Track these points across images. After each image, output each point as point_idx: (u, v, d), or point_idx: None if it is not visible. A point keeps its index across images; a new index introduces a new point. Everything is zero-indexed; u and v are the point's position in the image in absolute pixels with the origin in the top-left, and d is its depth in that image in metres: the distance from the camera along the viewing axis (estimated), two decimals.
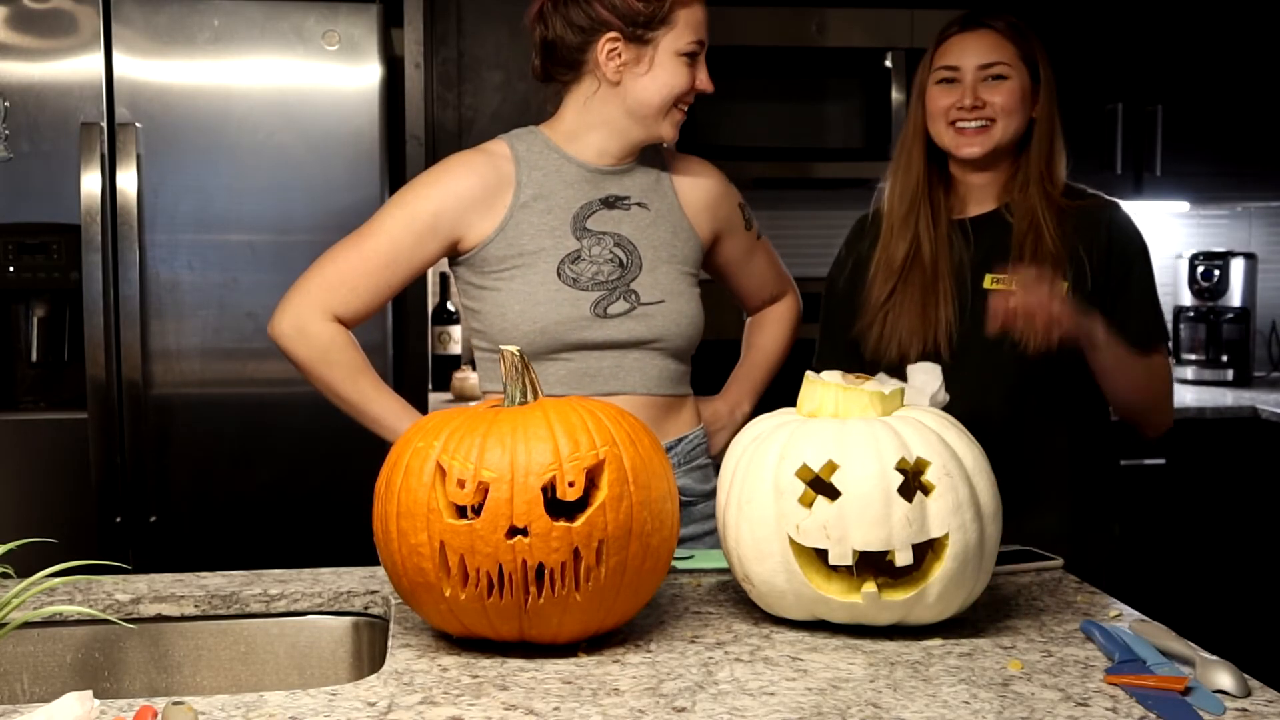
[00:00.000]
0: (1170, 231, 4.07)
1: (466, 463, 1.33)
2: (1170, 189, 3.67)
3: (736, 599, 1.57)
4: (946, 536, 1.38)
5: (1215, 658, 1.30)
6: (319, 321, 1.85)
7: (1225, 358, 3.87)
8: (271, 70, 2.81)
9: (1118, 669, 1.30)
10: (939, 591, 1.39)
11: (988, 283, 2.04)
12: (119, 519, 2.77)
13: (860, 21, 3.40)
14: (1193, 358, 3.91)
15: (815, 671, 1.32)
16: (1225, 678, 1.26)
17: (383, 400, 1.88)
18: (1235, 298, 3.86)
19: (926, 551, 1.39)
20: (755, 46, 3.37)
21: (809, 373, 1.52)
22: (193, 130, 2.78)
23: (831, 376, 1.51)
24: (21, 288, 2.81)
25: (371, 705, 1.23)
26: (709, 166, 2.05)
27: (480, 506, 1.31)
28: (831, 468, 1.38)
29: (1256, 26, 3.60)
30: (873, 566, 1.40)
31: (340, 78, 2.83)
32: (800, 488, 1.39)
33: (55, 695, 1.48)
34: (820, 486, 1.39)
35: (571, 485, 1.32)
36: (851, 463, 1.38)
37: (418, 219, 1.87)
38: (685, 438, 1.97)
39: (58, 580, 1.34)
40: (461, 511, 1.32)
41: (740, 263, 2.11)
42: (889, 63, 3.41)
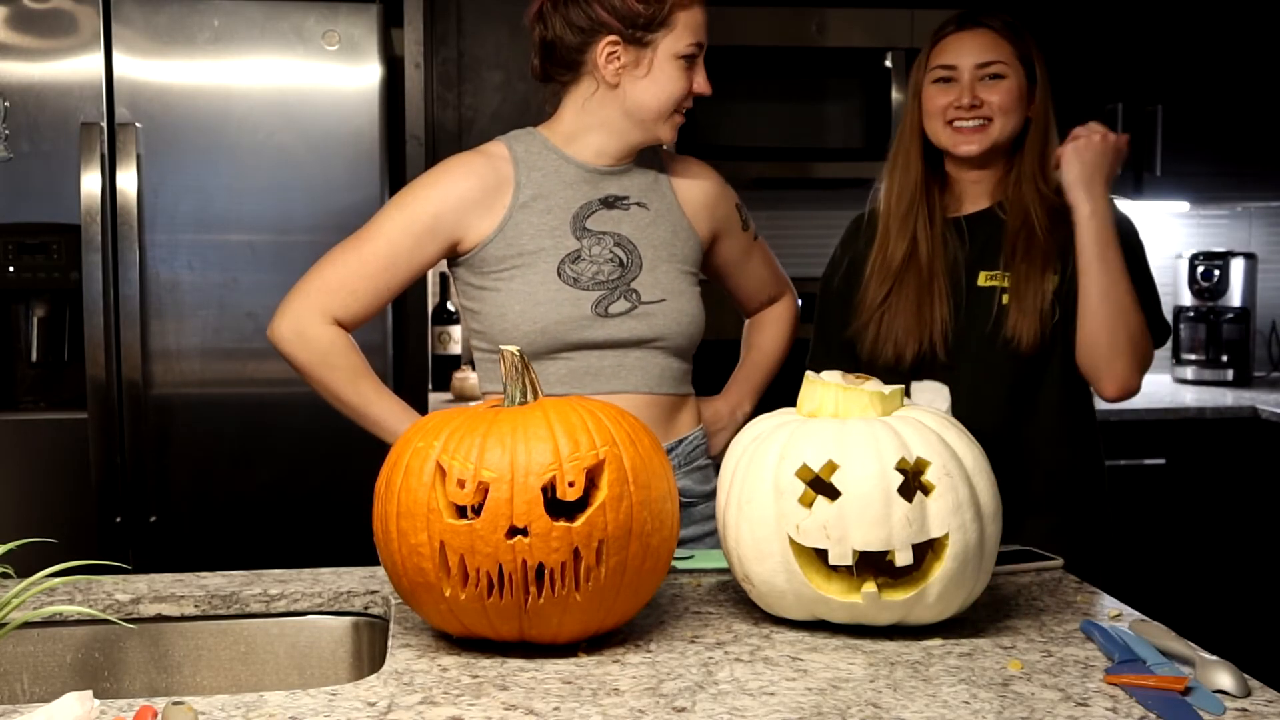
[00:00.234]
0: (1170, 231, 4.07)
1: (466, 463, 1.33)
2: (1170, 189, 3.67)
3: (736, 599, 1.57)
4: (946, 536, 1.38)
5: (1215, 658, 1.30)
6: (319, 325, 1.85)
7: (1225, 358, 3.87)
8: (271, 70, 2.81)
9: (1118, 669, 1.30)
10: (939, 591, 1.39)
11: (982, 280, 2.04)
12: (119, 519, 2.77)
13: (860, 21, 3.40)
14: (1193, 358, 3.91)
15: (815, 671, 1.32)
16: (1225, 678, 1.26)
17: (383, 403, 1.88)
18: (1235, 298, 3.86)
19: (926, 551, 1.39)
20: (755, 46, 3.37)
21: (809, 373, 1.52)
22: (193, 130, 2.78)
23: (831, 376, 1.51)
24: (21, 288, 2.81)
25: (371, 705, 1.23)
26: (706, 167, 2.05)
27: (480, 506, 1.31)
28: (831, 468, 1.38)
29: (1256, 26, 3.59)
30: (873, 566, 1.40)
31: (340, 78, 2.83)
32: (800, 488, 1.39)
33: (55, 695, 1.48)
34: (820, 486, 1.39)
35: (571, 485, 1.32)
36: (851, 463, 1.38)
37: (417, 221, 1.87)
38: (685, 439, 1.97)
39: (58, 580, 1.34)
40: (461, 511, 1.32)
41: (738, 263, 2.11)
42: (889, 63, 3.41)
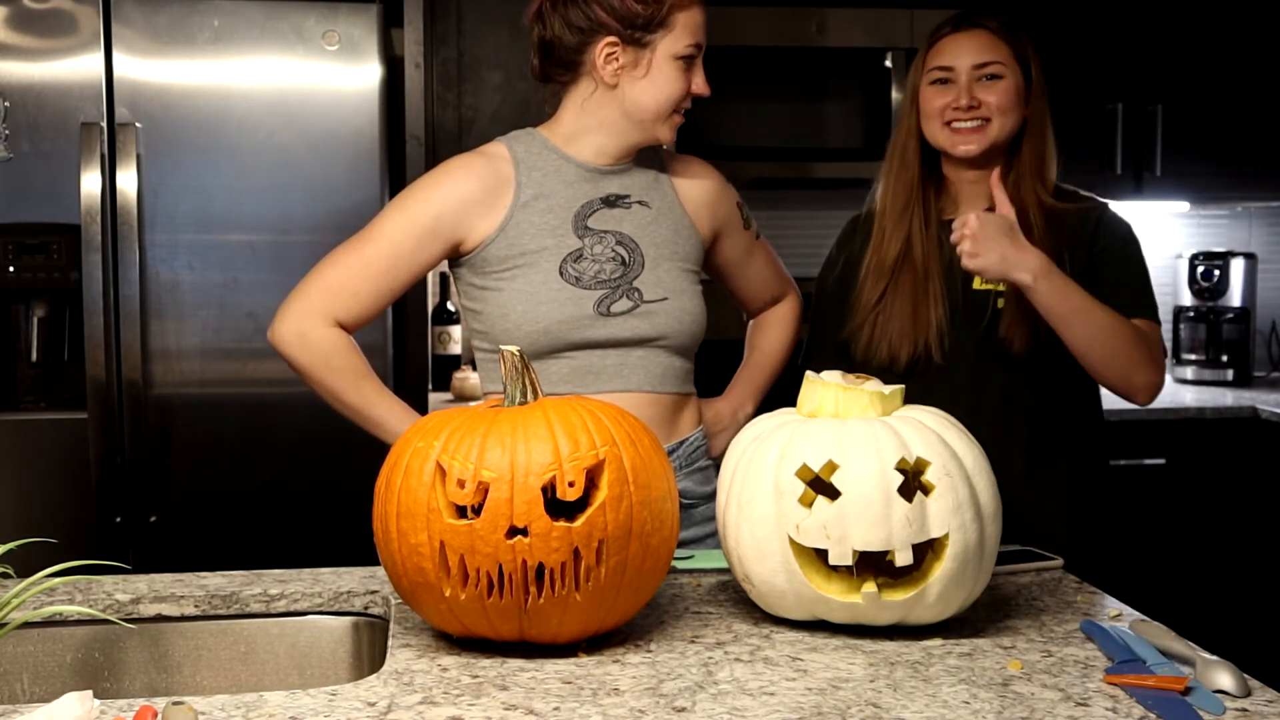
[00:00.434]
0: (1170, 231, 4.07)
1: (466, 463, 1.33)
2: (1170, 189, 3.67)
3: (736, 599, 1.57)
4: (946, 536, 1.38)
5: (1215, 658, 1.30)
6: (320, 327, 1.85)
7: (1225, 358, 3.87)
8: (271, 70, 2.81)
9: (1118, 669, 1.30)
10: (939, 591, 1.39)
11: (977, 283, 2.04)
12: (119, 519, 2.77)
13: (860, 21, 3.40)
14: (1193, 358, 3.91)
15: (815, 671, 1.32)
16: (1225, 678, 1.26)
17: (385, 404, 1.88)
18: (1235, 298, 3.86)
19: (926, 551, 1.39)
20: (755, 46, 3.37)
21: (809, 373, 1.52)
22: (193, 130, 2.78)
23: (831, 376, 1.51)
24: (21, 288, 2.81)
25: (371, 705, 1.23)
26: (706, 166, 2.05)
27: (480, 506, 1.31)
28: (831, 468, 1.38)
29: (1256, 26, 3.59)
30: (873, 566, 1.40)
31: (340, 78, 2.83)
32: (800, 488, 1.39)
33: (55, 695, 1.48)
34: (820, 486, 1.39)
35: (571, 485, 1.32)
36: (851, 463, 1.38)
37: (418, 223, 1.86)
38: (686, 440, 1.97)
39: (58, 580, 1.34)
40: (461, 511, 1.32)
41: (740, 263, 2.10)
42: (889, 63, 3.41)
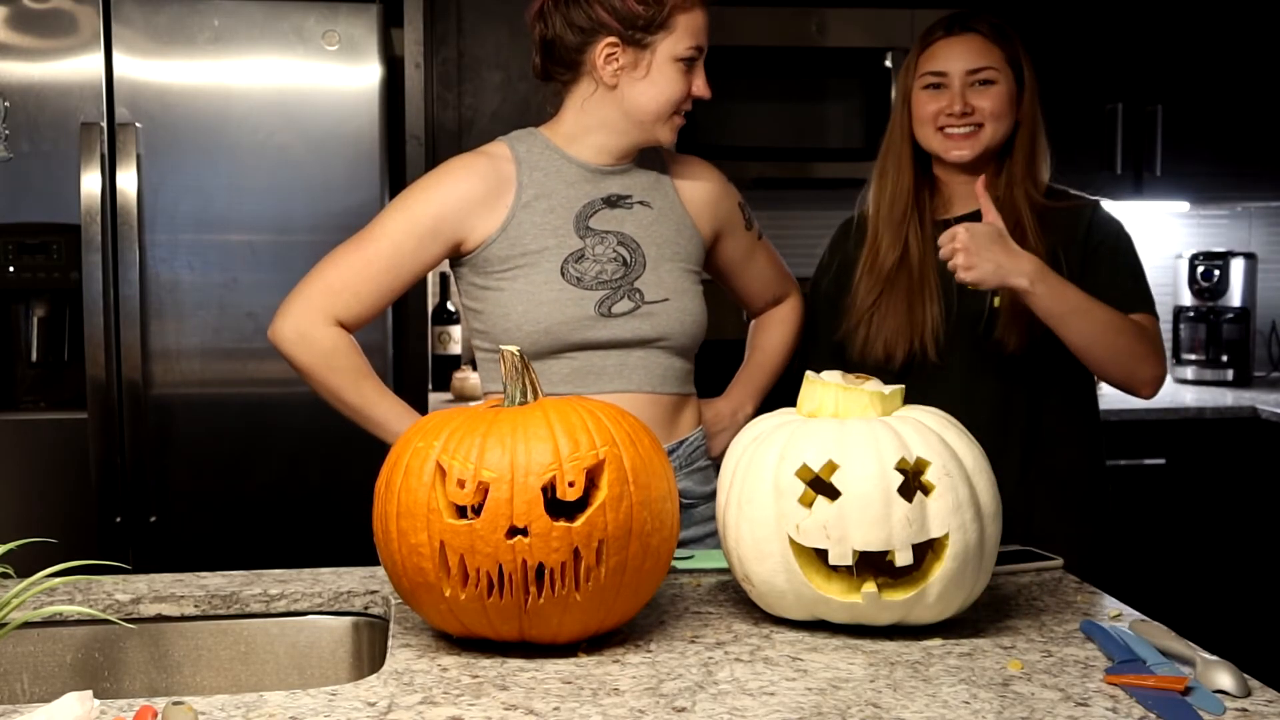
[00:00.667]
0: (1170, 231, 4.07)
1: (466, 463, 1.33)
2: (1170, 189, 3.67)
3: (736, 599, 1.57)
4: (946, 536, 1.38)
5: (1215, 658, 1.30)
6: (321, 327, 1.84)
7: (1225, 358, 3.87)
8: (271, 70, 2.81)
9: (1118, 669, 1.30)
10: (939, 591, 1.39)
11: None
12: (119, 519, 2.77)
13: (860, 21, 3.40)
14: (1193, 358, 3.91)
15: (815, 671, 1.32)
16: (1225, 678, 1.26)
17: (386, 404, 1.88)
18: (1235, 298, 3.86)
19: (926, 551, 1.39)
20: (755, 46, 3.37)
21: (809, 373, 1.52)
22: (193, 130, 2.78)
23: (831, 376, 1.51)
24: (21, 288, 2.81)
25: (371, 705, 1.23)
26: (708, 166, 2.05)
27: (480, 506, 1.31)
28: (831, 468, 1.38)
29: (1256, 26, 3.59)
30: (873, 566, 1.40)
31: (340, 78, 2.83)
32: (800, 488, 1.39)
33: (55, 695, 1.48)
34: (820, 486, 1.39)
35: (571, 485, 1.32)
36: (851, 463, 1.38)
37: (420, 222, 1.86)
38: (685, 440, 1.97)
39: (58, 580, 1.34)
40: (461, 511, 1.32)
41: (742, 263, 2.10)
42: (889, 63, 3.41)
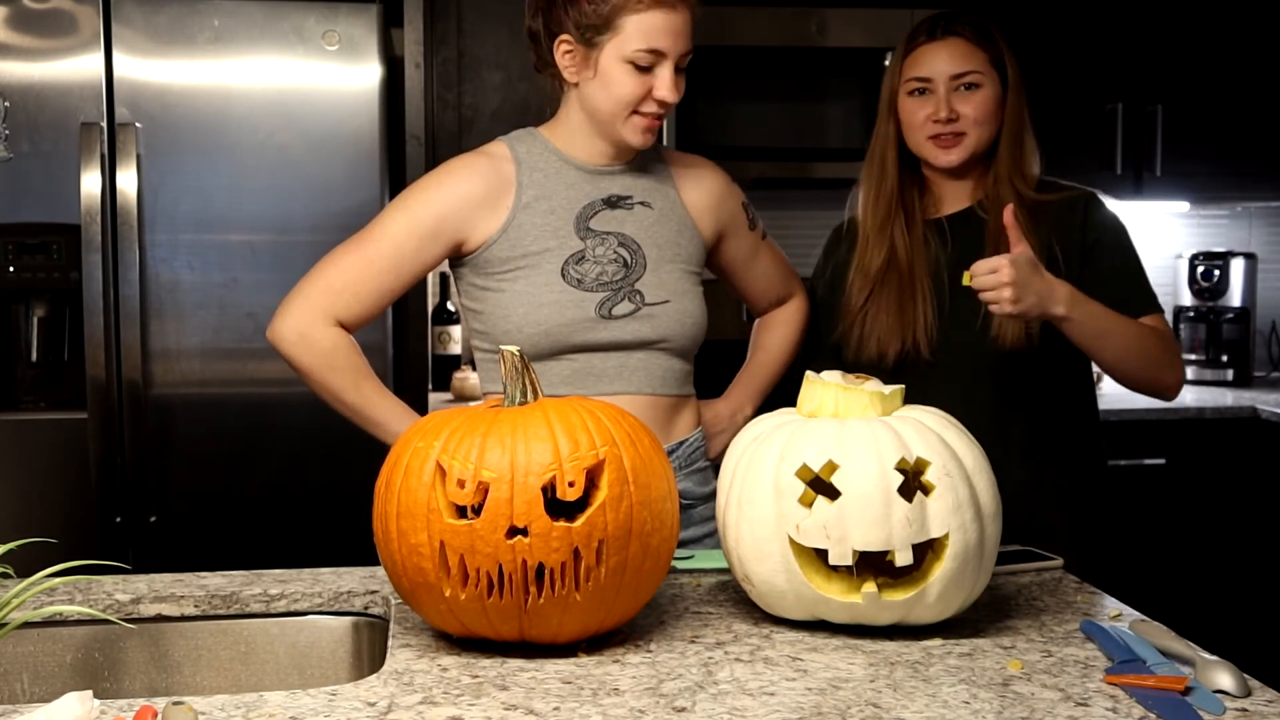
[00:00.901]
0: (1170, 231, 4.07)
1: (466, 463, 1.33)
2: (1170, 189, 3.67)
3: (736, 599, 1.57)
4: (946, 536, 1.38)
5: (1215, 658, 1.30)
6: (321, 327, 1.84)
7: (1225, 358, 3.87)
8: (271, 70, 2.81)
9: (1118, 669, 1.30)
10: (939, 591, 1.39)
11: (966, 280, 2.04)
12: (119, 519, 2.77)
13: (860, 21, 3.40)
14: (1193, 358, 3.90)
15: (815, 671, 1.32)
16: (1225, 678, 1.26)
17: (385, 405, 1.88)
18: (1235, 298, 3.86)
19: (926, 551, 1.39)
20: (755, 46, 3.37)
21: (809, 373, 1.52)
22: (193, 130, 2.78)
23: (831, 376, 1.51)
24: (21, 288, 2.81)
25: (371, 705, 1.23)
26: (711, 165, 2.04)
27: (480, 506, 1.31)
28: (831, 468, 1.38)
29: (1256, 26, 3.59)
30: (873, 566, 1.40)
31: (340, 78, 2.83)
32: (800, 488, 1.39)
33: (55, 695, 1.48)
34: (820, 486, 1.39)
35: (571, 485, 1.32)
36: (851, 463, 1.38)
37: (421, 223, 1.86)
38: (685, 441, 1.97)
39: (58, 580, 1.34)
40: (461, 511, 1.32)
41: (745, 263, 2.10)
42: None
